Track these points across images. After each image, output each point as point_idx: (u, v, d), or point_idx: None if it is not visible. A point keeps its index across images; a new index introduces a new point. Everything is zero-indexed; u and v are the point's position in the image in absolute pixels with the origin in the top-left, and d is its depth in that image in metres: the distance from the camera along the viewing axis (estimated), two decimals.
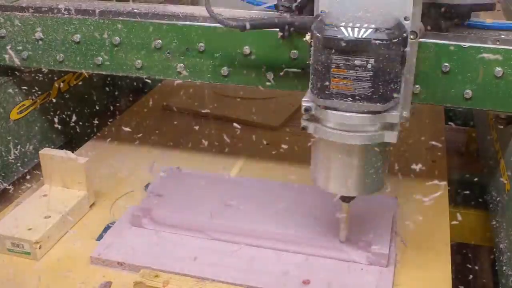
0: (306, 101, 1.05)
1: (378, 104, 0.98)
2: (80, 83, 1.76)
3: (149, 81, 2.03)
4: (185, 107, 1.93)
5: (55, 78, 1.63)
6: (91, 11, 1.36)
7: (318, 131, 1.06)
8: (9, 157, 1.48)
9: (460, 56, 1.16)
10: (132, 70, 1.38)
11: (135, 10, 1.35)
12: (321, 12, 1.03)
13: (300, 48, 1.25)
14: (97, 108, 1.82)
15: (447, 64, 1.17)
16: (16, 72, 1.49)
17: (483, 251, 1.77)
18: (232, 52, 1.30)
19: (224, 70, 1.32)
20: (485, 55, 1.15)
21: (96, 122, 1.71)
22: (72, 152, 1.45)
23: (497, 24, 1.24)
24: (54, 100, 1.64)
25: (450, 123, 1.94)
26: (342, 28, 0.95)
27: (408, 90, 1.11)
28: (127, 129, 1.76)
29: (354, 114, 1.00)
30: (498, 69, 1.15)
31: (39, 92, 1.58)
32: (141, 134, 1.73)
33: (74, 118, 1.70)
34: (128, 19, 1.34)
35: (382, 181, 1.12)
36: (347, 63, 0.96)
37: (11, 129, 1.50)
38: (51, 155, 1.40)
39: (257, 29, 1.17)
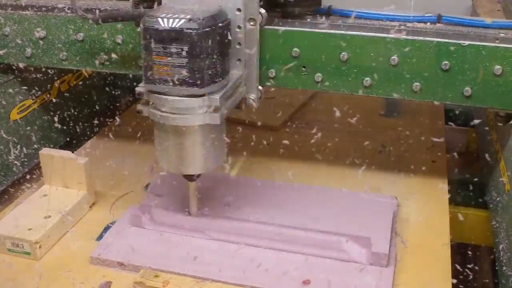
0: (140, 86, 1.15)
1: (196, 88, 1.07)
2: (80, 83, 1.76)
3: None
4: None
5: (55, 78, 1.64)
6: (93, 10, 1.36)
7: (151, 114, 1.14)
8: (9, 157, 1.48)
9: (460, 54, 1.17)
10: (135, 68, 1.38)
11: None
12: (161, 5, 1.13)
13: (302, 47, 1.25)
14: (97, 108, 1.82)
15: (446, 62, 1.18)
16: (16, 72, 1.50)
17: (483, 251, 1.77)
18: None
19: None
20: (484, 53, 1.16)
21: (96, 122, 1.72)
22: (72, 152, 1.45)
23: (497, 23, 1.25)
24: (54, 100, 1.64)
25: (450, 123, 1.94)
26: (159, 19, 1.04)
27: (253, 75, 1.23)
28: (127, 129, 1.76)
29: (176, 98, 1.09)
30: (498, 67, 1.15)
31: (39, 92, 1.58)
32: (141, 134, 1.73)
33: (74, 118, 1.70)
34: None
35: (221, 157, 1.23)
36: (165, 50, 1.05)
37: (11, 129, 1.50)
38: (51, 155, 1.40)
39: (107, 22, 1.25)
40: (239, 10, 1.15)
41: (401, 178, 1.55)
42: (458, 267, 1.24)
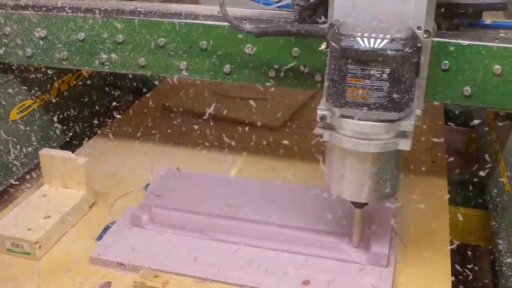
0: (321, 109, 1.06)
1: (393, 112, 1.00)
2: (80, 83, 1.77)
3: (155, 82, 2.05)
4: (185, 107, 1.93)
5: (55, 78, 1.64)
6: (94, 10, 1.36)
7: (333, 139, 1.07)
8: (9, 157, 1.48)
9: (460, 54, 1.17)
10: (136, 68, 1.38)
11: (138, 9, 1.36)
12: (335, 21, 1.04)
13: (301, 47, 1.25)
14: (97, 108, 1.82)
15: (446, 62, 1.18)
16: (16, 72, 1.50)
17: (483, 251, 1.77)
18: (234, 50, 1.31)
19: (227, 68, 1.33)
20: (484, 53, 1.16)
21: (96, 122, 1.72)
22: (72, 152, 1.45)
23: (497, 22, 1.25)
24: (54, 100, 1.64)
25: (450, 123, 1.94)
26: (358, 39, 0.96)
27: (421, 89, 1.12)
28: (127, 129, 1.76)
29: (369, 123, 1.01)
30: (497, 66, 1.15)
31: (39, 92, 1.58)
32: (141, 134, 1.73)
33: (74, 118, 1.70)
34: (131, 17, 1.35)
35: (395, 187, 1.14)
36: (363, 72, 0.97)
37: (11, 129, 1.50)
38: (51, 155, 1.40)
39: (269, 36, 1.18)
40: (419, 28, 1.03)
41: (401, 178, 1.55)
42: (458, 267, 1.24)
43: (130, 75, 1.85)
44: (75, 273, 1.20)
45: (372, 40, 0.96)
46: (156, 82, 2.13)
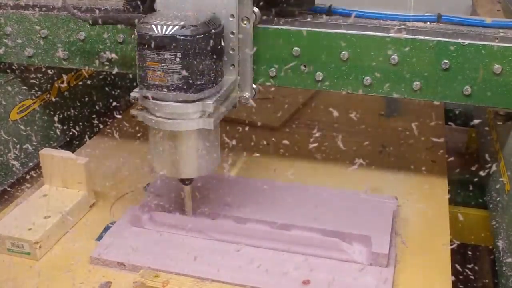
0: (135, 92, 1.16)
1: (190, 94, 1.09)
2: (80, 83, 1.76)
3: None
4: None
5: (55, 78, 1.63)
6: (95, 9, 1.36)
7: (145, 119, 1.15)
8: (9, 157, 1.48)
9: (460, 53, 1.17)
10: (136, 68, 1.38)
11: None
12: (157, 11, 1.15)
13: (301, 46, 1.26)
14: (97, 108, 1.82)
15: (446, 61, 1.18)
16: (16, 72, 1.50)
17: (483, 251, 1.77)
18: None
19: None
20: (484, 52, 1.16)
21: (96, 122, 1.71)
22: (72, 152, 1.45)
23: (497, 22, 1.25)
24: (54, 100, 1.64)
25: (450, 123, 1.94)
26: (153, 26, 1.06)
27: (247, 72, 1.25)
28: (127, 129, 1.76)
29: (170, 103, 1.10)
30: (497, 66, 1.16)
31: (39, 92, 1.58)
32: (141, 134, 1.73)
33: (74, 118, 1.70)
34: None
35: (215, 162, 1.24)
36: (159, 57, 1.07)
37: (11, 129, 1.50)
38: (51, 155, 1.40)
39: (99, 23, 1.25)
40: (232, 16, 1.17)
41: (401, 178, 1.55)
42: (458, 267, 1.24)
43: (130, 75, 1.85)
44: (75, 273, 1.20)
45: (164, 27, 1.05)
46: None
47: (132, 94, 1.16)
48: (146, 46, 1.06)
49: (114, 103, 1.89)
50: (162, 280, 1.13)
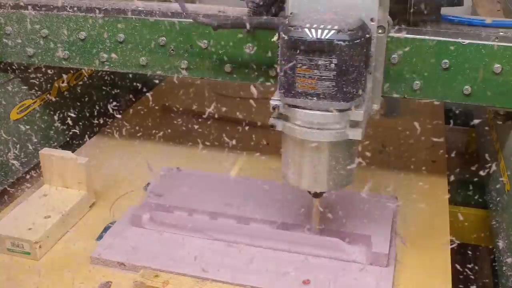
0: (274, 100, 1.08)
1: (342, 102, 1.02)
2: (80, 83, 1.76)
3: (155, 82, 2.04)
4: (185, 107, 1.93)
5: (55, 78, 1.64)
6: (95, 9, 1.36)
7: (286, 129, 1.10)
8: (9, 157, 1.48)
9: (460, 52, 1.17)
10: (136, 67, 1.39)
11: (139, 8, 1.36)
12: (290, 14, 1.07)
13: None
14: (97, 108, 1.82)
15: (446, 61, 1.18)
16: (16, 71, 1.50)
17: (483, 251, 1.77)
18: (234, 49, 1.31)
19: (227, 67, 1.33)
20: (483, 51, 1.16)
21: (96, 122, 1.71)
22: (72, 152, 1.45)
23: (497, 22, 1.25)
24: (54, 100, 1.64)
25: (450, 123, 1.94)
26: (306, 30, 0.98)
27: (378, 83, 1.14)
28: (127, 129, 1.76)
29: (319, 112, 1.03)
30: (497, 65, 1.16)
31: (39, 92, 1.58)
32: (141, 134, 1.73)
33: (74, 118, 1.70)
34: (132, 16, 1.35)
35: (351, 176, 1.16)
36: (311, 63, 0.99)
37: (11, 129, 1.50)
38: (51, 155, 1.40)
39: (226, 28, 1.21)
40: (372, 20, 1.05)
41: (401, 178, 1.55)
42: (458, 267, 1.24)
43: (130, 75, 1.85)
44: (75, 273, 1.20)
45: (319, 31, 0.98)
46: (156, 82, 2.13)
47: (272, 102, 1.08)
48: (298, 51, 0.99)
49: (114, 103, 1.89)
50: (162, 280, 1.13)
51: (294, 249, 1.24)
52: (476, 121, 1.86)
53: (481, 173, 1.40)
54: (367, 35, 1.01)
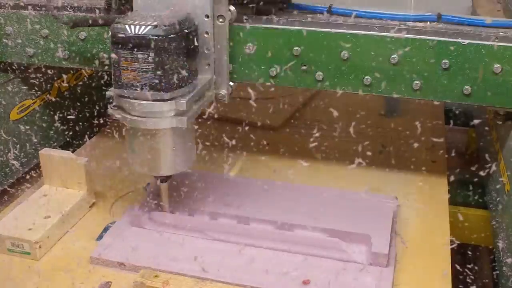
0: (110, 90, 1.18)
1: (163, 92, 1.10)
2: (80, 83, 1.76)
3: None
4: None
5: (55, 78, 1.64)
6: (96, 9, 1.36)
7: (121, 118, 1.16)
8: (9, 157, 1.48)
9: (459, 53, 1.17)
10: None
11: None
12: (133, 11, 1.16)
13: (302, 45, 1.26)
14: (97, 108, 1.82)
15: (446, 61, 1.18)
16: (16, 71, 1.50)
17: (483, 251, 1.77)
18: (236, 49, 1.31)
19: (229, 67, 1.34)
20: (483, 52, 1.16)
21: (96, 122, 1.71)
22: (72, 152, 1.45)
23: (497, 22, 1.25)
24: (54, 100, 1.64)
25: (450, 123, 1.94)
26: (127, 26, 1.07)
27: (223, 70, 1.26)
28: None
29: (144, 102, 1.12)
30: (497, 65, 1.16)
31: (39, 92, 1.58)
32: None
33: (74, 118, 1.70)
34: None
35: (191, 160, 1.26)
36: (132, 56, 1.08)
37: (11, 129, 1.50)
38: (51, 155, 1.40)
39: (78, 26, 1.27)
40: (207, 16, 1.18)
41: (401, 178, 1.55)
42: (458, 267, 1.24)
43: None
44: (75, 273, 1.20)
45: (137, 27, 1.07)
46: None
47: (107, 93, 1.18)
48: (120, 46, 1.08)
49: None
50: (162, 280, 1.13)
51: (294, 249, 1.24)
52: (476, 121, 1.86)
53: (481, 173, 1.40)
54: (186, 30, 1.11)
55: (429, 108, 1.92)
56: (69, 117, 1.68)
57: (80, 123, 1.75)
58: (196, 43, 1.16)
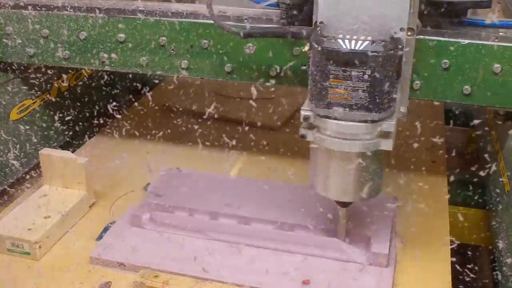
0: (305, 110, 1.08)
1: (374, 113, 1.02)
2: (80, 83, 1.76)
3: (155, 82, 2.05)
4: (185, 107, 1.93)
5: (55, 78, 1.64)
6: (96, 9, 1.36)
7: (317, 139, 1.09)
8: (9, 157, 1.48)
9: (459, 53, 1.17)
10: (137, 67, 1.39)
11: (140, 8, 1.36)
12: (319, 23, 1.05)
13: (302, 45, 1.25)
14: (97, 108, 1.82)
15: (446, 61, 1.18)
16: (16, 71, 1.50)
17: (483, 251, 1.77)
18: (235, 49, 1.31)
19: (228, 67, 1.33)
20: (483, 51, 1.16)
21: (96, 122, 1.71)
22: (72, 152, 1.45)
23: (496, 22, 1.25)
24: (54, 100, 1.64)
25: (450, 123, 1.94)
26: (340, 40, 0.98)
27: (406, 86, 1.13)
28: (127, 129, 1.76)
29: (351, 123, 1.03)
30: (497, 65, 1.16)
31: (39, 92, 1.58)
32: (141, 134, 1.73)
33: (74, 118, 1.70)
34: (133, 16, 1.35)
35: (380, 186, 1.15)
36: (344, 73, 0.99)
37: (11, 129, 1.50)
38: (51, 155, 1.40)
39: (255, 37, 1.20)
40: (402, 29, 1.04)
41: (401, 178, 1.55)
42: (458, 267, 1.24)
43: (130, 75, 1.84)
44: (75, 273, 1.20)
45: (353, 42, 0.98)
46: (156, 82, 2.13)
47: (303, 113, 1.08)
48: (331, 62, 0.99)
49: (114, 103, 1.89)
50: (162, 280, 1.13)
51: (294, 249, 1.24)
52: (476, 121, 1.86)
53: (481, 173, 1.40)
54: (399, 46, 1.01)
55: (429, 108, 1.92)
56: (69, 117, 1.68)
57: (80, 123, 1.76)
58: (403, 60, 1.05)
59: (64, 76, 1.67)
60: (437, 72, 1.20)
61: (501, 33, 1.18)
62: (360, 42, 0.97)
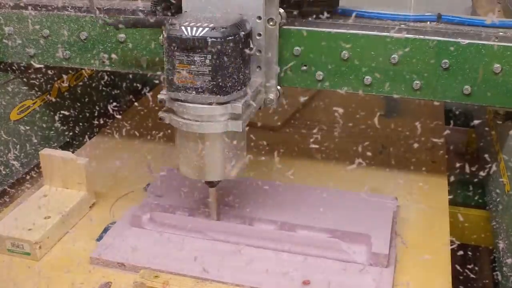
0: (162, 94, 1.15)
1: (219, 96, 1.08)
2: (80, 83, 1.77)
3: (155, 82, 2.05)
4: None
5: (55, 78, 1.64)
6: (97, 9, 1.36)
7: (172, 122, 1.15)
8: (9, 157, 1.48)
9: (459, 53, 1.17)
10: (137, 67, 1.39)
11: (140, 8, 1.36)
12: (184, 12, 1.14)
13: (303, 45, 1.26)
14: (97, 108, 1.82)
15: (446, 61, 1.18)
16: (16, 72, 1.50)
17: (483, 251, 1.77)
18: None
19: None
20: (483, 51, 1.16)
21: (96, 122, 1.71)
22: (72, 152, 1.45)
23: (496, 22, 1.25)
24: (54, 100, 1.64)
25: (450, 123, 1.94)
26: (183, 28, 1.05)
27: (272, 73, 1.23)
28: (127, 129, 1.76)
29: (198, 105, 1.10)
30: (497, 65, 1.16)
31: (39, 92, 1.58)
32: (141, 134, 1.73)
33: (74, 118, 1.70)
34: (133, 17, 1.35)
35: (242, 165, 1.23)
36: (188, 59, 1.06)
37: (11, 129, 1.50)
38: (51, 155, 1.40)
39: (128, 27, 1.26)
40: (259, 18, 1.15)
41: (401, 178, 1.55)
42: (458, 267, 1.24)
43: (130, 75, 1.84)
44: (75, 273, 1.20)
45: (194, 29, 1.04)
46: (156, 82, 2.12)
47: (159, 96, 1.14)
48: (176, 48, 1.05)
49: (114, 103, 1.89)
50: (162, 280, 1.13)
51: (294, 250, 1.24)
52: (476, 122, 1.86)
53: (481, 173, 1.40)
54: (243, 32, 1.08)
55: (429, 108, 1.92)
56: (69, 117, 1.68)
57: (80, 123, 1.76)
58: (251, 46, 1.13)
59: (64, 76, 1.67)
60: (437, 72, 1.20)
61: (501, 33, 1.18)
62: (200, 29, 1.04)
